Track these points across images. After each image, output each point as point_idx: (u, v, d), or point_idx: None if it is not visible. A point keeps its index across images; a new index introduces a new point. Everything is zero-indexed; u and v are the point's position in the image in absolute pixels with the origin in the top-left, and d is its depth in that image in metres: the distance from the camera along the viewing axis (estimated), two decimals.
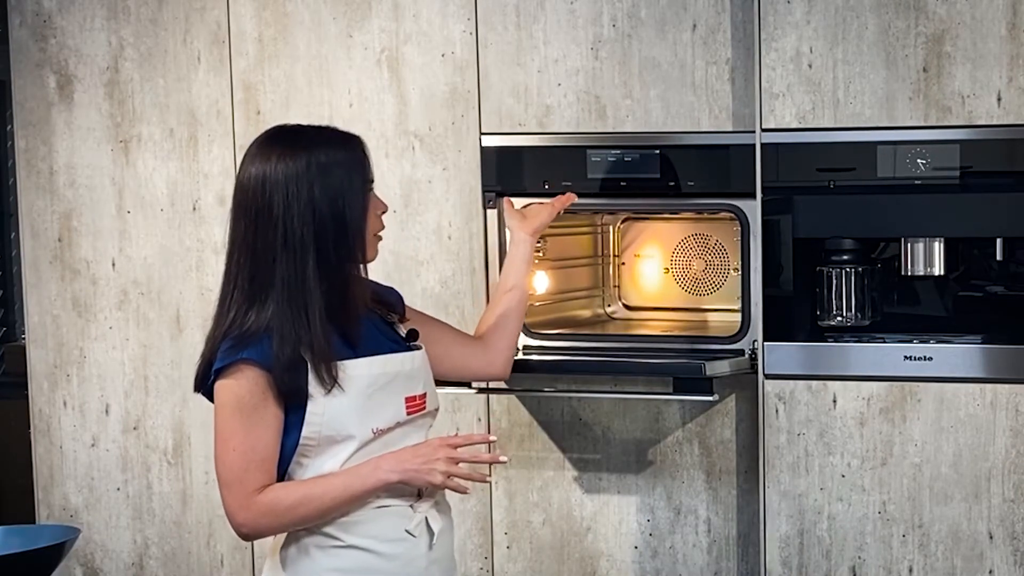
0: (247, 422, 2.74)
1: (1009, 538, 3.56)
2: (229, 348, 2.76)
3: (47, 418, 4.59)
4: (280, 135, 2.85)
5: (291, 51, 4.23)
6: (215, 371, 2.77)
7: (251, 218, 2.77)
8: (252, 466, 2.75)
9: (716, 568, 3.96)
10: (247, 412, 2.74)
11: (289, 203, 2.75)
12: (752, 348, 3.80)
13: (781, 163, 3.66)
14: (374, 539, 2.83)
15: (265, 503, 2.76)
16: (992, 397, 3.55)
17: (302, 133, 2.86)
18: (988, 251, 3.64)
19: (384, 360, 2.86)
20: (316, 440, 2.79)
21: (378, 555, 2.83)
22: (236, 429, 2.75)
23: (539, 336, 4.07)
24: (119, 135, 4.44)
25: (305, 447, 2.79)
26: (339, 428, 2.78)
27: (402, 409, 2.87)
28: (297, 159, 2.77)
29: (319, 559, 2.83)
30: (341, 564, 2.83)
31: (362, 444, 2.81)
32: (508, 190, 4.02)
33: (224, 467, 2.77)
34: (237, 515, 2.77)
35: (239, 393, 2.74)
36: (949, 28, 3.51)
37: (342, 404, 2.78)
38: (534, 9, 3.97)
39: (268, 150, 2.80)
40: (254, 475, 2.75)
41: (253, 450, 2.75)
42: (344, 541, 2.82)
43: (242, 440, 2.75)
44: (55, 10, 4.47)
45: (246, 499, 2.76)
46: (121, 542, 4.55)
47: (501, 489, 4.13)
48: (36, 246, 4.56)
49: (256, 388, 2.74)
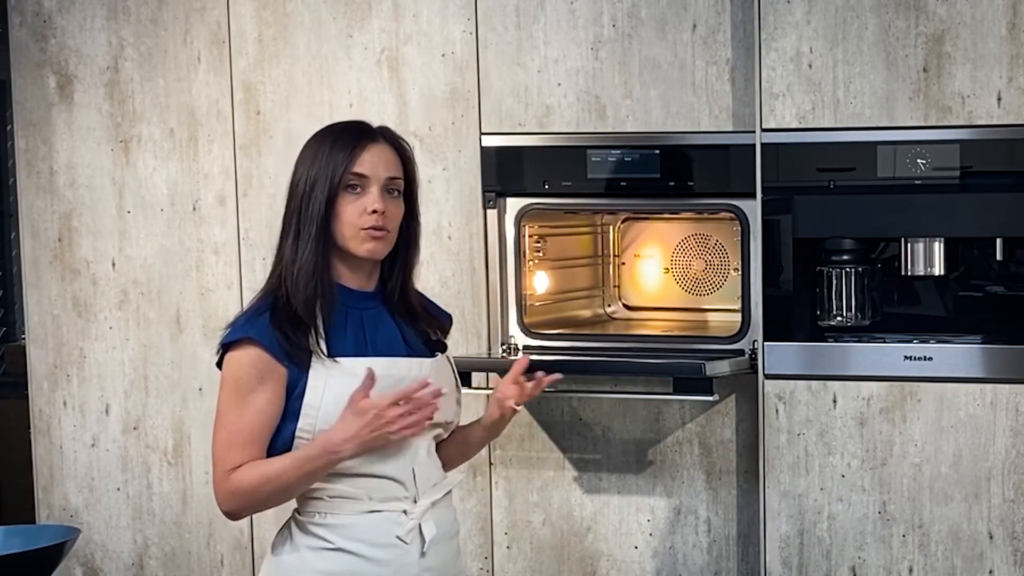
0: (240, 402, 2.81)
1: (1009, 538, 3.56)
2: (236, 325, 2.85)
3: (47, 418, 4.59)
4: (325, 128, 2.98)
5: (291, 51, 4.23)
6: (222, 345, 2.85)
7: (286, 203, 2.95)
8: (235, 447, 2.81)
9: (716, 568, 3.96)
10: (242, 392, 2.80)
11: (289, 187, 2.92)
12: (752, 348, 3.80)
13: (781, 163, 3.66)
14: (363, 543, 2.84)
15: (234, 482, 2.81)
16: (992, 397, 3.55)
17: (327, 127, 2.97)
18: (988, 251, 3.64)
19: (389, 362, 2.87)
20: (311, 434, 2.81)
21: (367, 560, 2.84)
22: (230, 407, 2.82)
23: (539, 336, 4.07)
24: (119, 135, 4.44)
25: (301, 440, 2.82)
26: (333, 422, 2.80)
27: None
28: (304, 149, 2.92)
29: (311, 561, 2.85)
30: (331, 567, 2.84)
31: None
32: (508, 190, 4.03)
33: (214, 443, 2.84)
34: (217, 493, 2.85)
35: (237, 373, 2.81)
36: (949, 28, 3.51)
37: (338, 399, 2.80)
38: (534, 9, 3.97)
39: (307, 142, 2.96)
40: (234, 455, 2.81)
41: (240, 431, 2.80)
42: (334, 544, 2.84)
43: (233, 419, 2.81)
44: (55, 10, 4.47)
45: (223, 477, 2.83)
46: (121, 542, 4.55)
47: (501, 489, 4.13)
48: (36, 246, 4.56)
49: (254, 370, 2.80)
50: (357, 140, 2.88)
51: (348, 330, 2.88)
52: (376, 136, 2.91)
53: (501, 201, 4.04)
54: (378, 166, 2.88)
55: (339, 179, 2.85)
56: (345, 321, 2.88)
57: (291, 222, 2.88)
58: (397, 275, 2.96)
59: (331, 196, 2.85)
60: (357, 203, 2.86)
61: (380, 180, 2.87)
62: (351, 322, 2.89)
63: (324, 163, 2.86)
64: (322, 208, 2.85)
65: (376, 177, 2.87)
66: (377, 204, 2.85)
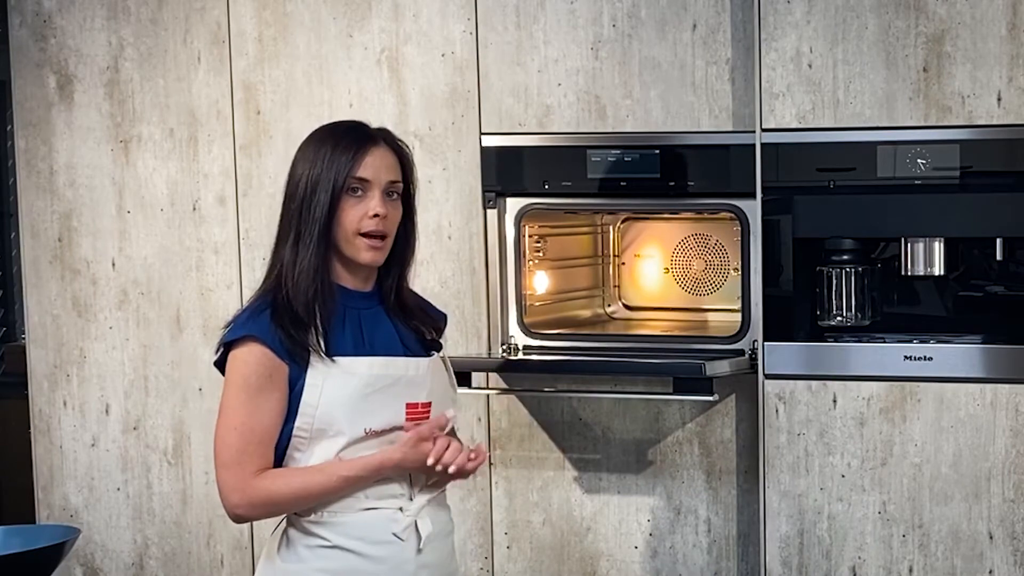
0: (250, 402, 2.79)
1: (1009, 538, 3.56)
2: (237, 323, 2.84)
3: (47, 418, 4.59)
4: (323, 127, 2.97)
5: (291, 51, 4.23)
6: (224, 344, 2.84)
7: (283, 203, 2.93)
8: (251, 447, 2.79)
9: (716, 568, 3.96)
10: (251, 391, 2.79)
11: (288, 186, 2.90)
12: (752, 348, 3.80)
13: (781, 163, 3.66)
14: (360, 541, 2.85)
15: (263, 489, 2.79)
16: (992, 397, 3.55)
17: (326, 128, 2.96)
18: (988, 251, 3.64)
19: (386, 362, 2.87)
20: (308, 432, 2.81)
21: (364, 557, 2.85)
22: (239, 407, 2.80)
23: (539, 336, 4.07)
24: (119, 135, 4.44)
25: (298, 439, 2.82)
26: (330, 422, 2.81)
27: (401, 414, 2.88)
28: (303, 148, 2.91)
29: (307, 559, 2.86)
30: (328, 565, 2.85)
31: (352, 441, 2.83)
32: (508, 190, 4.03)
33: (223, 446, 2.81)
34: (231, 496, 2.81)
35: (245, 372, 2.80)
36: (949, 28, 3.51)
37: (336, 398, 2.81)
38: (534, 9, 3.97)
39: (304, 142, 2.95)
40: (252, 457, 2.79)
41: (252, 431, 2.79)
42: (331, 541, 2.84)
43: (244, 419, 2.79)
44: (55, 10, 4.47)
45: (243, 482, 2.79)
46: (121, 542, 4.55)
47: (501, 489, 4.13)
48: (36, 246, 4.56)
49: (262, 368, 2.79)
50: (360, 144, 2.88)
51: (347, 330, 2.88)
52: (378, 139, 2.91)
53: (501, 201, 4.04)
54: (380, 170, 2.88)
55: (343, 183, 2.85)
56: (343, 321, 2.88)
57: (291, 223, 2.86)
58: (393, 275, 2.96)
59: (334, 200, 2.85)
60: (359, 207, 2.86)
61: (382, 184, 2.87)
62: (349, 322, 2.89)
63: (327, 165, 2.85)
64: (324, 211, 2.84)
65: (378, 181, 2.87)
66: (379, 208, 2.86)
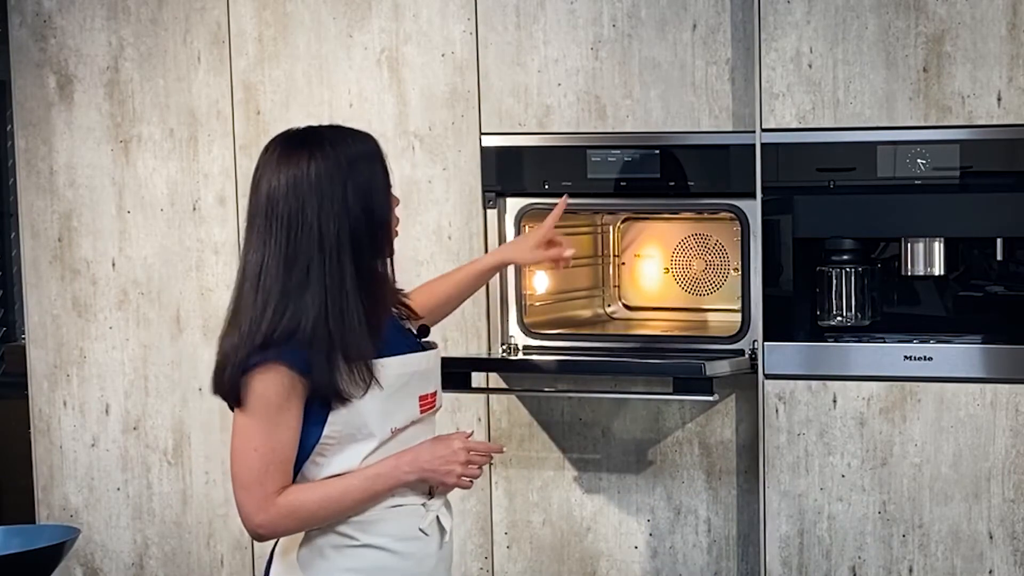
0: (271, 424, 2.72)
1: (1009, 538, 3.56)
2: (263, 348, 2.72)
3: (47, 418, 4.59)
4: (298, 138, 2.82)
5: (291, 51, 4.23)
6: (244, 370, 2.72)
7: (282, 225, 2.73)
8: (272, 468, 2.73)
9: (716, 568, 3.96)
10: (272, 414, 2.72)
11: (323, 205, 2.73)
12: (752, 348, 3.80)
13: (781, 163, 3.66)
14: (390, 538, 2.83)
15: (286, 505, 2.75)
16: (992, 397, 3.55)
17: (320, 134, 2.82)
18: (988, 251, 3.64)
19: (403, 360, 2.85)
20: (337, 439, 2.78)
21: (393, 553, 2.83)
22: (259, 430, 2.72)
23: (539, 336, 4.07)
24: (119, 135, 4.44)
25: (325, 446, 2.78)
26: (361, 427, 2.78)
27: (416, 408, 2.87)
28: (327, 159, 2.76)
29: (335, 559, 2.82)
30: (357, 564, 2.82)
31: (381, 443, 2.81)
32: (508, 190, 4.03)
33: (244, 468, 2.74)
34: (255, 517, 2.75)
35: (267, 395, 2.71)
36: (949, 28, 3.51)
37: (366, 403, 2.77)
38: (534, 9, 3.97)
39: (292, 155, 2.77)
40: (274, 477, 2.74)
41: (274, 452, 2.73)
42: (360, 540, 2.82)
43: (264, 441, 2.72)
44: (55, 10, 4.47)
45: (265, 501, 2.74)
46: (121, 542, 4.55)
47: (501, 489, 4.13)
48: (36, 246, 4.56)
49: (283, 390, 2.71)
50: (355, 133, 2.86)
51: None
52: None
53: (501, 201, 4.04)
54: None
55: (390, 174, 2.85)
56: None
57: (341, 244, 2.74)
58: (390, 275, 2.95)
59: (391, 196, 2.83)
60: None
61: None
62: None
63: (369, 162, 2.79)
64: (389, 212, 2.81)
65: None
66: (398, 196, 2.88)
